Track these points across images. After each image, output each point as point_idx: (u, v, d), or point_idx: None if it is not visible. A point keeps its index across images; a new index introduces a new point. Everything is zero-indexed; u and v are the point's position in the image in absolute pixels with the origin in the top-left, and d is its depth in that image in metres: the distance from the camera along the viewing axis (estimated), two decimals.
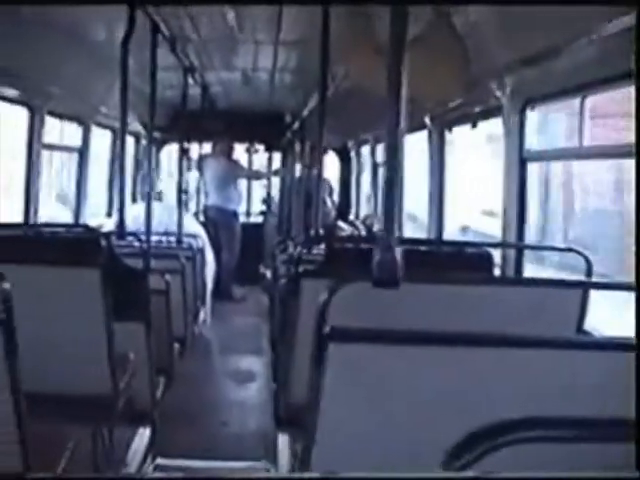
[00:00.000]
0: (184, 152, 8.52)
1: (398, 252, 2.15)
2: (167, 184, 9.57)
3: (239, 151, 11.63)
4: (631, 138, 3.04)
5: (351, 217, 11.37)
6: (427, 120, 6.24)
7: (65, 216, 8.15)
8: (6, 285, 2.34)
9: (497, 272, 4.34)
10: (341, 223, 10.40)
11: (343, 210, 11.63)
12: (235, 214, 10.91)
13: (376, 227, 8.90)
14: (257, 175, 12.00)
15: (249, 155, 12.19)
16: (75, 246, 4.24)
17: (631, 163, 2.98)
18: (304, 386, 2.35)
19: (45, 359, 3.35)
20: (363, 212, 10.97)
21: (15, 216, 6.01)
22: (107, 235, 5.10)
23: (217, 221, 10.40)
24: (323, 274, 3.32)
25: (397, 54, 2.18)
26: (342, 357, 2.14)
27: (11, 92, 5.49)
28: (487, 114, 5.24)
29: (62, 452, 2.95)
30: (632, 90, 3.00)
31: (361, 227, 9.54)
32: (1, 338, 2.32)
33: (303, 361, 3.32)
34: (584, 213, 8.93)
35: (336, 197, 11.78)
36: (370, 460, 2.14)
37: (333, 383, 2.16)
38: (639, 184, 2.84)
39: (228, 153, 10.92)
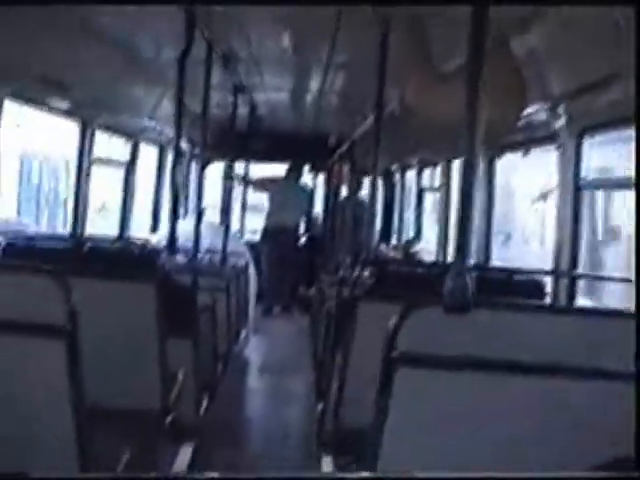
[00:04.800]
0: (230, 172, 8.58)
1: (470, 278, 2.13)
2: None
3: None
4: None
5: (393, 242, 11.31)
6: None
7: None
8: (72, 298, 2.35)
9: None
10: (382, 247, 10.35)
11: (385, 234, 11.59)
12: (298, 233, 11.29)
13: (421, 253, 8.85)
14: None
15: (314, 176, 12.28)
16: (130, 261, 4.25)
17: None
18: (358, 409, 2.32)
19: (99, 372, 3.35)
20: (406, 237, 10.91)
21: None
22: (159, 251, 5.11)
23: (281, 239, 10.68)
24: (379, 297, 3.30)
25: (475, 77, 2.17)
26: (410, 382, 2.12)
27: (63, 104, 5.54)
28: (539, 141, 5.20)
29: (115, 465, 2.95)
30: None
31: (402, 252, 9.48)
32: (65, 350, 2.33)
33: (358, 384, 3.30)
34: None
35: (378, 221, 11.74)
36: None
37: (400, 408, 2.14)
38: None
39: (297, 177, 11.25)
